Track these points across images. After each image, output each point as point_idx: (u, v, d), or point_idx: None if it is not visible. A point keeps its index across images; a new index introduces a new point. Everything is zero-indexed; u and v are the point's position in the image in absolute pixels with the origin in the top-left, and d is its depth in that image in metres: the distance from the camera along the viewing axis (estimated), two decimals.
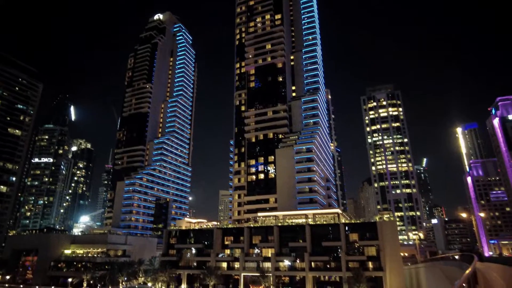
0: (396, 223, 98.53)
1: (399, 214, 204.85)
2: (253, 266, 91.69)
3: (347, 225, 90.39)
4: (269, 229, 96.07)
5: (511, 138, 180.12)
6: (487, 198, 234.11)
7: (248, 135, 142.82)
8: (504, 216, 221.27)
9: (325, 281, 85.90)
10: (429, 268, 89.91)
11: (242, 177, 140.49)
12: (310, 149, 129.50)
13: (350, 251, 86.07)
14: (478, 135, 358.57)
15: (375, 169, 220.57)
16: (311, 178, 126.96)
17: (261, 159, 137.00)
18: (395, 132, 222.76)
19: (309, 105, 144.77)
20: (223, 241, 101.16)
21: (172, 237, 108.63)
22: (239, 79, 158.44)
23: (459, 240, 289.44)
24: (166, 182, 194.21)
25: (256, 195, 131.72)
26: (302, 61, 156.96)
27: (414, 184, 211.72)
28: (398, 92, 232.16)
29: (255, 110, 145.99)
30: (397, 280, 79.11)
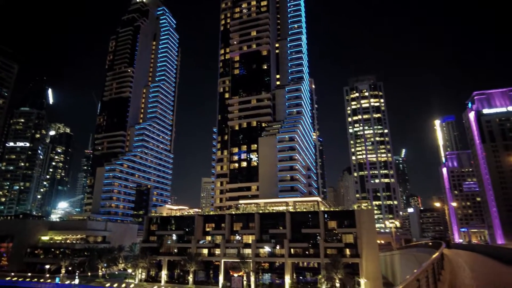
0: (374, 212, 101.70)
1: (377, 203, 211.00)
2: (233, 252, 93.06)
3: (326, 213, 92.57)
4: (250, 216, 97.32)
5: (485, 132, 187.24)
6: (460, 188, 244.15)
7: (231, 123, 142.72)
8: (475, 206, 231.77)
9: (304, 267, 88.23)
10: (404, 255, 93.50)
11: (224, 164, 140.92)
12: (292, 138, 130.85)
13: (329, 238, 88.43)
14: (455, 127, 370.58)
15: (355, 159, 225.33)
16: (293, 167, 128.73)
17: (244, 147, 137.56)
18: (376, 122, 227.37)
19: (293, 94, 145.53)
20: (204, 228, 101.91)
21: (153, 223, 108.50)
22: (223, 66, 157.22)
23: (432, 228, 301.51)
24: (147, 169, 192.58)
25: (238, 182, 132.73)
26: (287, 49, 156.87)
27: (392, 174, 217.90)
28: (380, 83, 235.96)
29: (239, 97, 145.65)
30: (373, 266, 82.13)
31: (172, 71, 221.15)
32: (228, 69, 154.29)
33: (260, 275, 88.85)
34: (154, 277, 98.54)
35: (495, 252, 33.35)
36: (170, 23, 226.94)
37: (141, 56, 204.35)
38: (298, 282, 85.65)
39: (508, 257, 25.78)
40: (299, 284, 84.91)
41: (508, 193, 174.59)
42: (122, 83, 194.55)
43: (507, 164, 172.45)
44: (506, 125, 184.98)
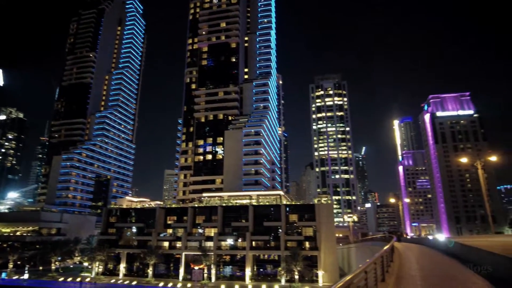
0: (333, 206, 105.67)
1: (337, 197, 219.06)
2: (195, 245, 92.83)
3: (288, 207, 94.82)
4: (213, 209, 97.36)
5: (438, 133, 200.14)
6: (414, 185, 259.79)
7: (197, 115, 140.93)
8: (426, 202, 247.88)
9: (265, 260, 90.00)
10: (360, 248, 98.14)
11: (189, 157, 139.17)
12: (258, 132, 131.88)
13: (289, 231, 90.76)
14: (412, 128, 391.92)
15: (317, 155, 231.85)
16: (258, 161, 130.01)
17: (210, 139, 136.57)
18: (339, 120, 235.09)
19: (260, 88, 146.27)
20: (166, 220, 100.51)
21: (112, 215, 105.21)
22: (191, 56, 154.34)
23: (387, 222, 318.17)
24: (108, 159, 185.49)
25: (202, 175, 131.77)
26: (256, 43, 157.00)
27: (352, 171, 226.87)
28: (344, 82, 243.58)
29: (206, 89, 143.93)
30: (331, 259, 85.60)
31: (137, 59, 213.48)
32: (195, 59, 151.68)
33: (221, 268, 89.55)
34: (112, 270, 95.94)
35: (438, 244, 36.35)
36: (137, 8, 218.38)
37: (104, 41, 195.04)
38: (258, 274, 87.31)
39: (448, 248, 28.73)
40: (259, 276, 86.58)
41: (455, 191, 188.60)
42: (83, 68, 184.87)
43: (455, 164, 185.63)
44: (456, 128, 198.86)
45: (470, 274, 15.22)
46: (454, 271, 17.02)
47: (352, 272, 6.85)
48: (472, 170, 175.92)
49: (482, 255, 17.72)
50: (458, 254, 24.45)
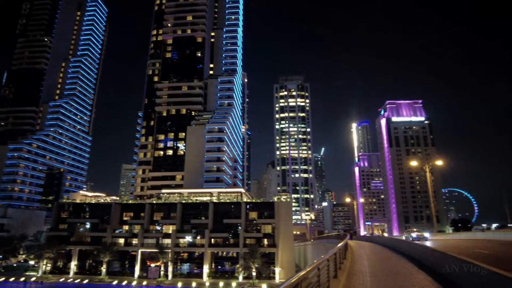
0: (292, 204, 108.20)
1: (296, 196, 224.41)
2: (152, 242, 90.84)
3: (248, 204, 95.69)
4: (172, 206, 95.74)
5: (392, 137, 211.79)
6: (368, 186, 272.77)
7: (159, 108, 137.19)
8: (379, 202, 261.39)
9: (223, 257, 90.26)
10: (316, 245, 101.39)
11: (149, 151, 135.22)
12: (222, 129, 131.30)
13: (249, 229, 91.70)
14: (368, 131, 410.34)
15: (279, 154, 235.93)
16: (220, 158, 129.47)
17: (171, 134, 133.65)
18: (300, 121, 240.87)
19: (225, 85, 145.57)
20: (122, 216, 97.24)
21: (64, 210, 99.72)
22: (155, 48, 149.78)
23: (343, 221, 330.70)
24: (61, 151, 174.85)
25: (162, 171, 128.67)
26: (223, 40, 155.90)
27: (311, 170, 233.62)
28: (307, 84, 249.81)
29: (169, 82, 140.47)
30: (288, 256, 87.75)
31: (97, 47, 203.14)
32: (159, 51, 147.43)
33: (178, 265, 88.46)
34: (62, 268, 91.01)
35: (388, 242, 38.89)
36: None
37: (61, 26, 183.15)
38: (216, 271, 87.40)
39: (396, 246, 31.05)
40: (217, 273, 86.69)
41: (405, 192, 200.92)
42: (36, 53, 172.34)
43: (407, 167, 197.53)
44: (408, 133, 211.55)
45: (413, 270, 16.49)
46: (400, 267, 18.23)
47: (305, 268, 6.98)
48: (421, 173, 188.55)
49: (424, 251, 19.35)
50: (404, 251, 26.39)
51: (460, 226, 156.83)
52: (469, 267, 10.37)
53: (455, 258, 12.20)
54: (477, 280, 9.55)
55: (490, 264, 9.29)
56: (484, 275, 8.78)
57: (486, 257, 17.41)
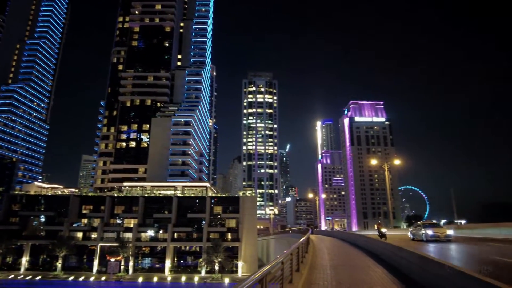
0: (257, 199, 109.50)
1: (261, 191, 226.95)
2: (112, 236, 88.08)
3: (213, 198, 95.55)
4: (134, 199, 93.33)
5: (354, 136, 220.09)
6: (330, 182, 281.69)
7: (123, 98, 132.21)
8: (339, 198, 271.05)
9: (186, 251, 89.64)
10: (278, 239, 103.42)
11: (110, 142, 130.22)
12: (188, 122, 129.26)
13: (213, 223, 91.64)
14: (332, 129, 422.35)
15: (246, 149, 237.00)
16: (186, 152, 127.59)
17: (135, 126, 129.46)
18: (268, 117, 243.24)
19: (193, 77, 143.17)
20: (81, 209, 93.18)
21: (16, 203, 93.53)
22: (121, 35, 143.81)
23: (305, 216, 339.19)
24: (14, 139, 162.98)
25: (124, 163, 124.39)
26: (192, 31, 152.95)
27: (276, 166, 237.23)
28: (275, 81, 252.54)
29: (134, 72, 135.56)
30: (251, 250, 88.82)
31: (58, 30, 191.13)
32: (125, 39, 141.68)
33: (139, 260, 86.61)
34: (11, 264, 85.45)
35: (347, 236, 40.74)
36: None
37: (16, 4, 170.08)
38: (178, 266, 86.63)
39: (354, 240, 32.71)
40: (179, 268, 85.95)
41: (364, 189, 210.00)
42: None
43: (367, 165, 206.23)
44: (370, 132, 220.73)
45: (371, 263, 17.49)
46: (358, 261, 19.22)
47: (269, 263, 7.14)
48: (380, 171, 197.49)
49: (379, 245, 20.57)
50: (362, 245, 27.81)
51: (414, 222, 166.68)
52: (418, 260, 11.26)
53: (407, 252, 13.14)
54: (427, 273, 10.39)
55: (436, 255, 10.18)
56: (434, 267, 9.58)
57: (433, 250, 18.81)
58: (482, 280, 6.47)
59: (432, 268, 9.61)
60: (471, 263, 14.89)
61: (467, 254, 18.49)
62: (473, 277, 6.93)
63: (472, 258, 17.06)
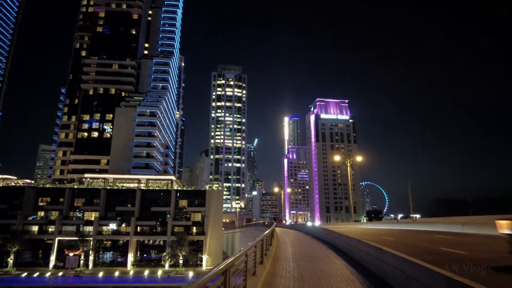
0: (223, 193, 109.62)
1: (228, 184, 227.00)
2: (72, 230, 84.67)
3: (179, 192, 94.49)
4: (95, 191, 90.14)
5: (319, 132, 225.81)
6: (295, 177, 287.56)
7: (85, 86, 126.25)
8: (304, 193, 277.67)
9: (149, 245, 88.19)
10: (244, 232, 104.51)
11: (71, 132, 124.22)
12: (154, 113, 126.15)
13: (178, 217, 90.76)
14: (299, 125, 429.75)
15: (213, 142, 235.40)
16: (151, 143, 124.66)
17: (98, 115, 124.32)
18: (236, 111, 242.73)
19: (160, 67, 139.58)
20: (37, 202, 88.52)
21: None
22: (84, 19, 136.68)
23: (270, 210, 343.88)
24: None
25: (85, 154, 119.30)
26: (161, 19, 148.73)
27: (244, 160, 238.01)
28: (245, 76, 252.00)
29: (98, 59, 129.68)
30: (216, 243, 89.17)
31: (12, 9, 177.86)
32: (89, 24, 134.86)
33: (101, 254, 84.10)
34: None
35: (309, 229, 42.29)
36: None
37: None
38: (141, 260, 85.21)
39: (315, 232, 34.14)
40: (142, 262, 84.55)
41: (328, 184, 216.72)
42: None
43: (330, 161, 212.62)
44: (334, 129, 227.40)
45: (331, 255, 18.42)
46: (320, 253, 20.10)
47: (233, 255, 7.27)
48: (342, 167, 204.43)
49: (339, 238, 21.75)
50: (324, 238, 29.13)
51: (373, 216, 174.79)
52: (375, 252, 12.23)
53: (366, 244, 14.13)
54: (380, 263, 11.35)
55: (392, 248, 11.16)
56: (388, 258, 10.50)
57: (389, 242, 20.26)
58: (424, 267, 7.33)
59: (387, 259, 10.43)
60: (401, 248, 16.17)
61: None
62: (416, 264, 7.83)
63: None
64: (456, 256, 14.16)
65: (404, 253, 9.25)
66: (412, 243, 21.58)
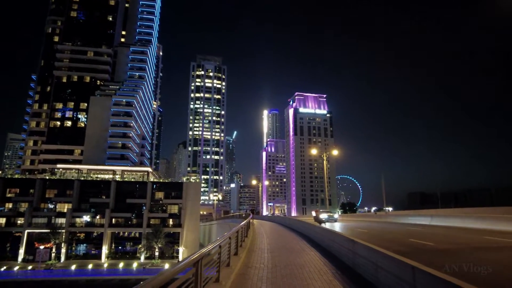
0: (201, 185, 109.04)
1: (206, 177, 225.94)
2: (43, 222, 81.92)
3: (155, 184, 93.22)
4: (69, 182, 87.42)
5: (298, 126, 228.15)
6: (273, 170, 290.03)
7: (58, 73, 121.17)
8: (281, 185, 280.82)
9: (125, 237, 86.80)
10: (221, 224, 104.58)
11: (43, 121, 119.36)
12: (130, 103, 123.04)
13: (154, 209, 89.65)
14: (277, 119, 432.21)
15: (192, 134, 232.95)
16: (127, 134, 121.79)
17: (71, 104, 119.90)
18: (215, 103, 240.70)
19: (137, 56, 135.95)
20: (5, 193, 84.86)
21: None
22: (57, 2, 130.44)
23: (248, 202, 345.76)
24: None
25: (58, 144, 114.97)
26: (139, 7, 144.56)
27: (222, 152, 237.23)
28: (225, 67, 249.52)
29: (72, 45, 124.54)
30: (193, 236, 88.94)
31: None
32: (63, 8, 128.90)
33: (73, 246, 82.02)
34: None
35: (285, 221, 42.93)
36: None
37: None
38: (116, 252, 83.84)
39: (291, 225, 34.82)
40: (117, 254, 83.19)
41: (304, 177, 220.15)
42: None
43: (308, 154, 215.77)
44: (312, 124, 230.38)
45: (306, 247, 18.76)
46: (295, 244, 20.39)
47: (207, 246, 7.18)
48: (319, 160, 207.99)
49: (314, 230, 22.22)
50: (300, 230, 29.64)
51: (348, 209, 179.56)
52: (348, 243, 12.59)
53: (339, 236, 14.50)
54: (352, 254, 11.71)
55: (364, 239, 11.53)
56: (359, 249, 10.85)
57: (362, 234, 20.94)
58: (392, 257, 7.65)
59: (359, 250, 10.78)
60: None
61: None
62: (385, 255, 8.15)
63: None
64: (425, 247, 14.84)
65: (376, 245, 9.55)
66: (384, 235, 22.34)
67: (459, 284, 4.85)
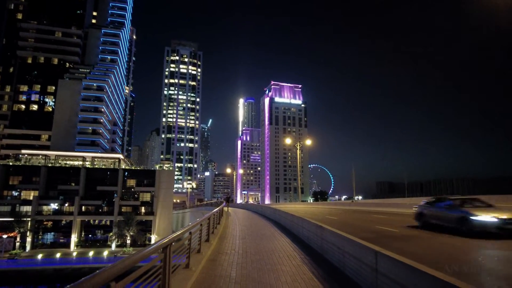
0: (174, 173, 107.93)
1: (179, 165, 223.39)
2: (6, 210, 78.37)
3: (127, 171, 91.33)
4: (35, 169, 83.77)
5: (273, 115, 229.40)
6: (248, 159, 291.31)
7: (22, 53, 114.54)
8: (255, 174, 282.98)
9: (95, 225, 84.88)
10: (194, 212, 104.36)
11: (5, 103, 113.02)
12: (101, 87, 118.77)
13: (126, 196, 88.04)
14: (253, 108, 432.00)
15: (165, 121, 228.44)
16: (97, 119, 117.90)
17: (38, 87, 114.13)
18: (190, 90, 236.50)
19: (109, 38, 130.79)
20: None
21: None
22: None
23: (222, 190, 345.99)
24: None
25: (23, 128, 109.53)
26: None
27: (197, 140, 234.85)
28: (200, 53, 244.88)
29: (38, 24, 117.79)
30: (165, 223, 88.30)
31: None
32: None
33: (40, 235, 79.30)
34: None
35: (259, 209, 43.62)
36: None
37: None
38: (86, 240, 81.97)
39: (264, 212, 35.51)
40: (87, 242, 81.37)
41: (278, 166, 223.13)
42: None
43: (282, 143, 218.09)
44: (287, 113, 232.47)
45: (277, 233, 19.25)
46: (266, 231, 20.85)
47: (177, 231, 7.09)
48: (293, 150, 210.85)
49: (286, 217, 22.79)
50: (272, 217, 30.25)
51: (319, 197, 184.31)
52: (316, 229, 13.05)
53: (308, 223, 14.99)
54: (320, 240, 12.19)
55: (334, 226, 12.00)
56: (327, 235, 11.31)
57: (332, 221, 21.66)
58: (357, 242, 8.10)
59: (326, 236, 11.22)
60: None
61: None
62: (351, 240, 8.61)
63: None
64: (389, 233, 15.71)
65: (344, 231, 9.99)
66: (352, 222, 23.23)
67: (416, 266, 5.27)
